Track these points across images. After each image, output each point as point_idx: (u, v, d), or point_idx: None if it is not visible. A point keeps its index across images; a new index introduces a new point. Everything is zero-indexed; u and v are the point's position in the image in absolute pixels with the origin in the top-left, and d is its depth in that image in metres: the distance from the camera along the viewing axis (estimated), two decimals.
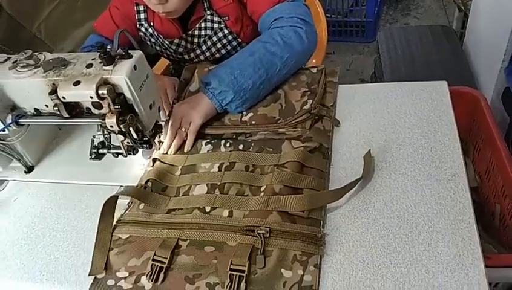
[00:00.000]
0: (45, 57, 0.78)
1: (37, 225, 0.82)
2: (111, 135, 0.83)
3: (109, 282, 0.69)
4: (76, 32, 1.51)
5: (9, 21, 1.33)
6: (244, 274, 0.64)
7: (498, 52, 1.40)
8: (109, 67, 0.71)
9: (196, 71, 1.01)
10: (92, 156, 0.86)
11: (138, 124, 0.77)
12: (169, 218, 0.75)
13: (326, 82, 0.95)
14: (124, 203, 0.80)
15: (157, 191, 0.80)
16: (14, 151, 0.90)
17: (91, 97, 0.70)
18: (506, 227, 1.06)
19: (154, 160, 0.86)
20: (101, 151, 0.86)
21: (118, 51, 0.72)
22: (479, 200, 1.22)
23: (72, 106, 0.76)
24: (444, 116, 0.83)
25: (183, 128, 0.88)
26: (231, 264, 0.65)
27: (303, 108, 0.87)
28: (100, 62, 0.72)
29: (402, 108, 0.87)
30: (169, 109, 0.93)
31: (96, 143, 0.86)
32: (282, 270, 0.64)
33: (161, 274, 0.67)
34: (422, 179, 0.74)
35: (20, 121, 0.83)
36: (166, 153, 0.87)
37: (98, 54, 0.71)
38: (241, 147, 0.85)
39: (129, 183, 0.84)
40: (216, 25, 1.04)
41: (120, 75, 0.70)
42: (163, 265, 0.68)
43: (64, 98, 0.73)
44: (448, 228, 0.66)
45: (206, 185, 0.78)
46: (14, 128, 0.84)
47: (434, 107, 0.86)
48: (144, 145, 0.82)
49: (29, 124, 0.88)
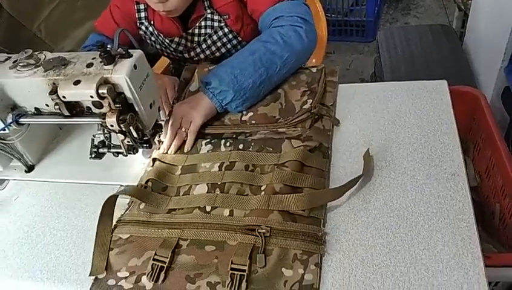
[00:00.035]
0: (45, 56, 0.78)
1: (38, 224, 0.83)
2: (111, 134, 0.83)
3: (110, 282, 0.69)
4: (76, 32, 1.52)
5: (10, 20, 1.33)
6: (245, 273, 0.64)
7: (498, 51, 1.40)
8: (110, 66, 0.71)
9: (196, 71, 1.01)
10: (93, 155, 0.87)
11: (139, 124, 0.77)
12: (170, 218, 0.75)
13: (326, 81, 0.95)
14: (125, 202, 0.80)
15: (157, 190, 0.80)
16: (15, 151, 0.90)
17: (91, 96, 0.70)
18: (506, 226, 1.06)
19: (154, 160, 0.86)
20: (101, 150, 0.86)
21: (119, 50, 0.72)
22: (478, 199, 1.22)
23: (72, 105, 0.76)
24: (444, 116, 0.84)
25: (183, 128, 0.88)
26: (232, 263, 0.65)
27: (303, 107, 0.87)
28: (100, 61, 0.72)
29: (402, 107, 0.87)
30: (169, 108, 0.93)
31: (96, 142, 0.86)
32: (283, 269, 0.64)
33: (162, 274, 0.67)
34: (422, 178, 0.74)
35: (20, 120, 0.83)
36: (166, 153, 0.87)
37: (99, 53, 0.71)
38: (241, 146, 0.85)
39: (129, 183, 0.84)
40: (216, 24, 1.04)
41: (120, 74, 0.70)
42: (163, 265, 0.68)
43: (64, 98, 0.73)
44: (447, 227, 0.66)
45: (207, 184, 0.78)
46: (15, 127, 0.84)
47: (434, 106, 0.86)
48: (144, 145, 0.82)
49: (29, 124, 0.88)
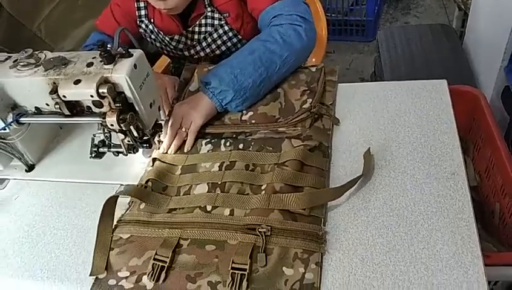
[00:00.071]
0: (45, 55, 0.78)
1: (38, 223, 0.83)
2: (111, 134, 0.83)
3: (111, 282, 0.69)
4: (76, 32, 1.52)
5: (10, 20, 1.33)
6: (245, 272, 0.64)
7: (498, 51, 1.40)
8: (110, 66, 0.71)
9: (195, 71, 1.01)
10: (93, 155, 0.86)
11: (139, 123, 0.77)
12: (170, 217, 0.75)
13: (325, 81, 0.95)
14: (125, 201, 0.80)
15: (157, 190, 0.80)
16: (15, 150, 0.90)
17: (92, 96, 0.70)
18: (506, 225, 1.07)
19: (154, 160, 0.86)
20: (101, 149, 0.86)
21: (119, 50, 0.72)
22: (478, 199, 1.22)
23: (72, 105, 0.76)
24: (444, 115, 0.84)
25: (183, 128, 0.88)
26: (232, 262, 0.65)
27: (303, 107, 0.87)
28: (100, 61, 0.72)
29: (401, 107, 0.88)
30: (169, 108, 0.93)
31: (96, 142, 0.86)
32: (284, 268, 0.64)
33: (163, 273, 0.67)
34: (422, 177, 0.74)
35: (21, 119, 0.83)
36: (166, 153, 0.87)
37: (99, 52, 0.71)
38: (241, 146, 0.85)
39: (129, 182, 0.84)
40: (216, 22, 1.04)
41: (120, 74, 0.70)
42: (164, 264, 0.68)
43: (65, 97, 0.73)
44: (447, 226, 0.66)
45: (207, 184, 0.79)
46: (15, 127, 0.84)
47: (434, 105, 0.86)
48: (144, 145, 0.82)
49: (30, 123, 0.88)
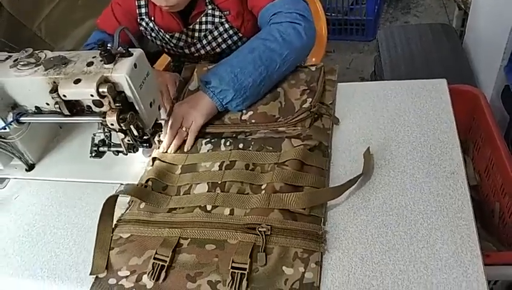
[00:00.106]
0: (45, 55, 0.78)
1: (38, 222, 0.83)
2: (111, 133, 0.83)
3: (111, 281, 0.69)
4: (76, 31, 1.52)
5: (10, 20, 1.33)
6: (245, 272, 0.64)
7: (498, 50, 1.40)
8: (110, 65, 0.71)
9: (195, 70, 1.01)
10: (93, 154, 0.87)
11: (139, 122, 0.77)
12: (170, 217, 0.75)
13: (325, 80, 0.95)
14: (125, 201, 0.80)
15: (157, 190, 0.80)
16: (15, 150, 0.90)
17: (92, 95, 0.70)
18: (506, 225, 1.07)
19: (154, 159, 0.86)
20: (101, 149, 0.86)
21: (119, 49, 0.72)
22: (478, 198, 1.22)
23: (72, 104, 0.77)
24: (443, 114, 0.84)
25: (183, 128, 0.88)
26: (232, 262, 0.66)
27: (302, 106, 0.87)
28: (100, 60, 0.72)
29: (401, 106, 0.88)
30: (170, 104, 0.93)
31: (96, 141, 0.86)
32: (284, 268, 0.65)
33: (163, 273, 0.67)
34: (421, 176, 0.74)
35: (21, 119, 0.83)
36: (166, 152, 0.87)
37: (99, 52, 0.71)
38: (241, 145, 0.85)
39: (129, 181, 0.85)
40: (217, 20, 1.04)
41: (120, 73, 0.70)
42: (164, 264, 0.68)
43: (65, 96, 0.73)
44: (446, 226, 0.66)
45: (207, 183, 0.79)
46: (15, 126, 0.84)
47: (434, 105, 0.86)
48: (144, 144, 0.82)
49: (30, 122, 0.88)
